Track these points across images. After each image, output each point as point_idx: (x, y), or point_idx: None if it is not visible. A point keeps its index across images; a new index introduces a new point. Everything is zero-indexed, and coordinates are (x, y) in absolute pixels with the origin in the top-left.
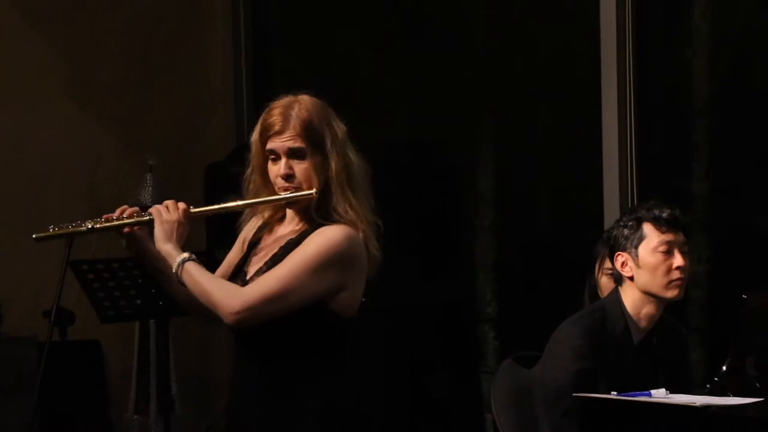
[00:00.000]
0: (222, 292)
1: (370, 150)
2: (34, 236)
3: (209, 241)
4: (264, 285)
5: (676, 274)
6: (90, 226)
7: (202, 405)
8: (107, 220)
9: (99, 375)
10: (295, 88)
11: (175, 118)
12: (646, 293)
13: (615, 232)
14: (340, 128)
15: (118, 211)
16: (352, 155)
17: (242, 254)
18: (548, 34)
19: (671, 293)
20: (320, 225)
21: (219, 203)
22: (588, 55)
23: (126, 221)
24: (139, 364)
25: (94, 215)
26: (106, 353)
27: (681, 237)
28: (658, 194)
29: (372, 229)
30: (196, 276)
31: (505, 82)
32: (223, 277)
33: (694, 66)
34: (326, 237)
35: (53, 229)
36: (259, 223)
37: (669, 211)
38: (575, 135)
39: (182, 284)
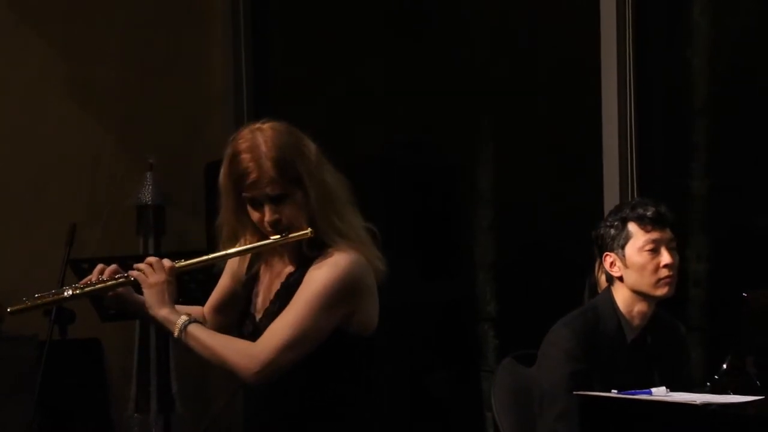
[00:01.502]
0: (237, 355)
1: (370, 150)
2: (8, 309)
3: (209, 240)
4: (277, 336)
5: (664, 272)
6: (71, 293)
7: (203, 404)
8: (86, 285)
9: (99, 374)
10: (294, 88)
11: (174, 118)
12: (636, 292)
13: (602, 232)
14: (311, 150)
15: (96, 272)
16: (329, 174)
17: (235, 288)
18: (548, 34)
19: (661, 291)
20: (316, 255)
21: (207, 254)
22: (588, 54)
23: (108, 284)
24: (139, 362)
25: (94, 215)
26: (107, 352)
27: (667, 234)
28: (658, 194)
29: (370, 242)
30: (205, 340)
31: (505, 82)
32: (216, 306)
33: (694, 66)
34: (328, 271)
35: (28, 302)
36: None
37: (654, 208)
38: (575, 135)
39: (186, 349)
